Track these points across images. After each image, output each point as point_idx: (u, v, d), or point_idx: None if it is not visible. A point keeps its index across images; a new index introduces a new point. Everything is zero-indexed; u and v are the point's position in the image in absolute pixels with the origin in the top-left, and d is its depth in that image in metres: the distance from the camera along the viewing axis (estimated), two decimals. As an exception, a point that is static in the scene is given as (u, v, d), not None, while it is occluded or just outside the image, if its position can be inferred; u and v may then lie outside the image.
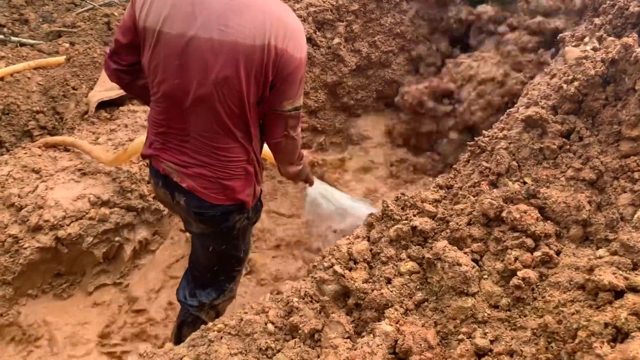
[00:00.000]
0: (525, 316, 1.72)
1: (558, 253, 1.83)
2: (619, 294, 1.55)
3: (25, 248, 2.70)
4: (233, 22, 1.69)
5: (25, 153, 3.17)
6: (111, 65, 1.99)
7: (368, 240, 2.20)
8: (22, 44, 5.50)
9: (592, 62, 1.91)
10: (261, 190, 2.21)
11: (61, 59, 4.73)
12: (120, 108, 3.82)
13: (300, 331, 1.93)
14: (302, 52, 1.82)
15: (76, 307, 2.93)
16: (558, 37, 2.68)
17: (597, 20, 2.18)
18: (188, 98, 1.80)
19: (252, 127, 1.93)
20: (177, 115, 1.88)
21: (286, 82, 1.82)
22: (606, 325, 1.45)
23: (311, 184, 2.48)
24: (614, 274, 1.58)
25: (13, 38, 5.58)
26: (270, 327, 2.00)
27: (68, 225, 2.81)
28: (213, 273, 2.29)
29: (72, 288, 2.98)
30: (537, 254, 1.79)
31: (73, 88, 4.28)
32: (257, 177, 2.07)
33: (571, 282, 1.70)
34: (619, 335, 1.44)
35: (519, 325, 1.70)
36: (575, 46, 2.40)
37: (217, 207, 2.00)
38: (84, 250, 2.88)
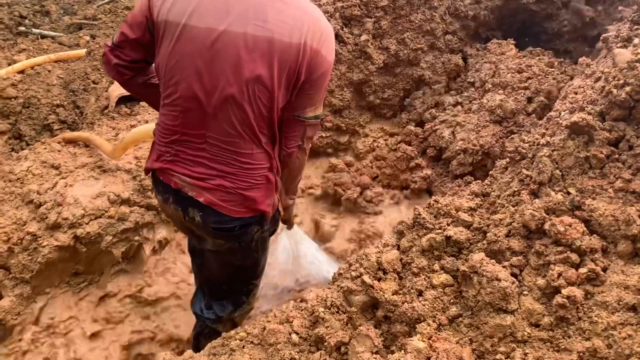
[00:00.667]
0: (569, 337, 1.61)
1: (605, 270, 1.71)
2: (676, 318, 1.43)
3: (43, 246, 2.64)
4: (271, 18, 1.61)
5: (45, 148, 3.12)
6: (112, 59, 1.85)
7: (398, 249, 2.10)
8: (43, 36, 5.48)
9: (645, 65, 1.79)
10: (279, 200, 2.08)
11: (82, 52, 4.69)
12: (141, 103, 3.76)
13: (326, 343, 1.85)
14: (332, 56, 1.77)
15: (94, 306, 2.87)
16: (602, 37, 2.54)
17: (648, 21, 2.05)
18: (213, 98, 1.68)
19: (277, 132, 1.84)
20: (195, 119, 1.75)
21: (314, 85, 1.75)
22: (664, 354, 1.34)
23: (290, 227, 2.36)
24: (670, 296, 1.47)
25: (34, 30, 5.56)
26: (294, 337, 1.92)
27: (87, 223, 2.75)
28: (229, 285, 2.18)
29: (90, 287, 2.92)
30: (583, 270, 1.68)
31: (93, 82, 4.24)
32: (277, 185, 1.96)
33: (620, 303, 1.58)
34: (679, 366, 1.32)
35: (562, 347, 1.60)
36: (619, 47, 2.26)
37: (237, 220, 1.88)
38: (102, 250, 2.82)
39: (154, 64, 1.85)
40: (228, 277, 2.15)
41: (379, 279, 2.01)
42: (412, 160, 3.24)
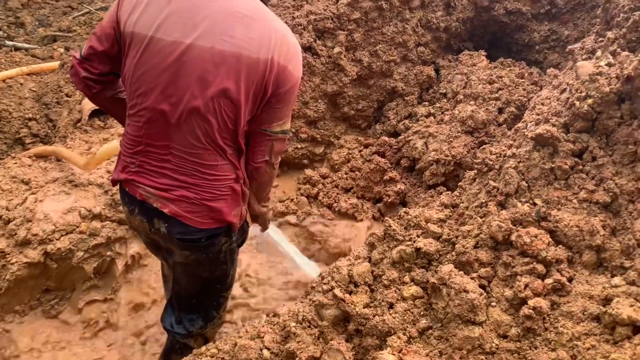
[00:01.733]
0: (536, 348, 1.62)
1: (570, 280, 1.73)
2: (637, 328, 1.45)
3: (12, 263, 2.60)
4: (239, 34, 1.63)
5: (15, 163, 3.07)
6: (80, 72, 1.85)
7: (369, 262, 2.11)
8: (17, 49, 5.41)
9: (606, 78, 1.82)
10: (247, 210, 2.07)
11: (55, 64, 4.64)
12: (115, 116, 3.73)
13: (297, 358, 1.83)
14: (300, 72, 1.79)
15: (65, 324, 2.82)
16: (567, 49, 2.58)
17: (610, 34, 2.09)
18: (177, 110, 1.68)
19: (242, 144, 1.84)
20: (159, 131, 1.74)
21: (282, 100, 1.77)
22: (626, 364, 1.36)
23: (265, 229, 2.35)
24: (631, 306, 1.49)
25: (8, 42, 5.49)
26: (265, 353, 1.91)
27: (58, 239, 2.71)
28: (198, 299, 2.15)
29: (61, 304, 2.88)
30: (549, 281, 1.70)
31: (66, 95, 4.19)
32: (243, 196, 1.95)
33: (585, 313, 1.60)
34: (640, 376, 1.34)
35: (529, 357, 1.61)
36: (584, 59, 2.31)
37: (203, 231, 1.87)
38: (74, 265, 2.78)
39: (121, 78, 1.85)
40: (197, 291, 2.13)
41: (351, 292, 2.01)
42: (386, 173, 3.26)
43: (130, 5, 1.70)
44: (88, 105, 3.74)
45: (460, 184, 2.23)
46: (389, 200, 3.24)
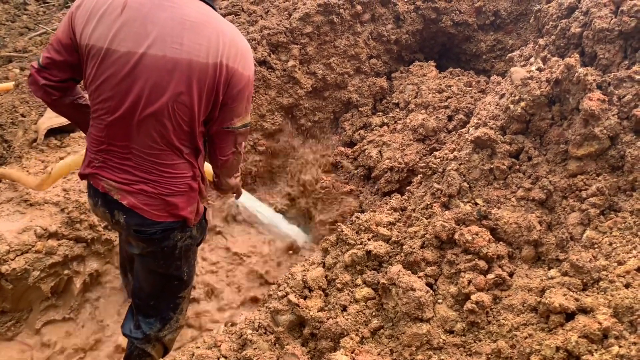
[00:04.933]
0: (480, 341, 1.69)
1: (511, 275, 1.81)
2: (570, 315, 1.54)
3: (-35, 285, 2.55)
4: (187, 40, 1.71)
5: (-32, 185, 3.02)
6: (40, 80, 1.90)
7: (323, 267, 2.16)
8: (-30, 70, 5.31)
9: (537, 82, 1.93)
10: (205, 208, 2.18)
11: (10, 85, 4.57)
12: (71, 135, 3.70)
13: (254, 365, 1.87)
14: (251, 71, 1.88)
15: (22, 347, 2.78)
16: (507, 57, 2.71)
17: (541, 41, 2.21)
18: (135, 115, 1.78)
19: (199, 144, 1.94)
20: (120, 132, 1.84)
21: (236, 99, 1.86)
22: (557, 349, 1.43)
23: (239, 196, 2.48)
24: (564, 295, 1.57)
25: (-39, 64, 5.38)
26: (223, 361, 1.93)
27: (12, 259, 2.66)
28: (156, 300, 2.21)
29: (18, 326, 2.83)
30: (491, 276, 1.78)
31: (22, 115, 4.13)
32: (201, 193, 2.06)
33: (524, 305, 1.68)
34: (570, 359, 1.42)
35: (474, 350, 1.68)
36: (522, 66, 2.42)
37: (158, 224, 1.95)
38: (30, 285, 2.74)
39: (82, 83, 1.92)
40: (154, 288, 2.18)
41: (305, 297, 2.05)
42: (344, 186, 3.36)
43: (84, 17, 1.77)
44: (44, 125, 3.71)
45: (408, 188, 2.30)
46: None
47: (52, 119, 3.68)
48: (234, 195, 2.44)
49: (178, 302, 2.24)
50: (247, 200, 3.39)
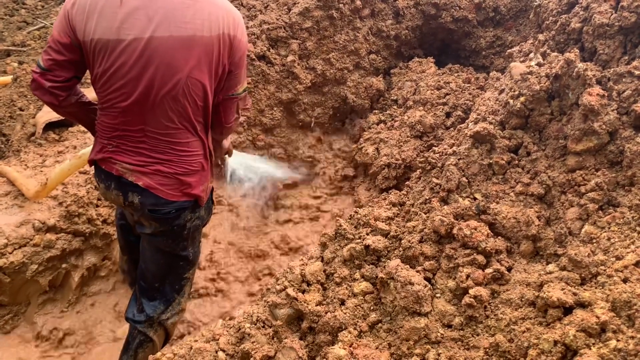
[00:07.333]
0: (478, 335, 1.69)
1: (509, 269, 1.82)
2: (568, 310, 1.54)
3: (-37, 279, 2.55)
4: (189, 18, 1.80)
5: (-34, 178, 3.01)
6: (45, 83, 1.93)
7: (322, 261, 2.16)
8: (-31, 64, 5.30)
9: (536, 77, 1.93)
10: (212, 188, 2.27)
11: (8, 78, 4.57)
12: (70, 129, 3.69)
13: (252, 358, 1.86)
14: (246, 37, 2.01)
15: (21, 340, 2.78)
16: (507, 52, 2.71)
17: (541, 37, 2.21)
18: (150, 98, 1.85)
19: (209, 118, 2.04)
20: (135, 117, 1.91)
21: (239, 66, 1.98)
22: (555, 343, 1.44)
23: (231, 154, 2.58)
24: (562, 289, 1.57)
25: (-41, 58, 5.37)
26: (221, 355, 1.93)
27: (10, 253, 2.67)
28: (161, 281, 2.26)
29: (16, 319, 2.83)
30: (489, 270, 1.78)
31: (20, 109, 4.13)
32: (211, 172, 2.16)
33: (522, 299, 1.68)
34: (568, 353, 1.42)
35: (472, 344, 1.68)
36: (522, 61, 2.42)
37: (172, 204, 2.04)
38: (28, 279, 2.74)
39: (90, 78, 1.97)
40: (159, 268, 2.23)
41: (304, 291, 2.06)
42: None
43: (82, 14, 1.81)
44: (42, 119, 3.70)
45: (407, 183, 2.30)
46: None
47: (50, 112, 3.67)
48: (227, 155, 2.56)
49: (183, 284, 2.32)
50: (239, 157, 3.46)
